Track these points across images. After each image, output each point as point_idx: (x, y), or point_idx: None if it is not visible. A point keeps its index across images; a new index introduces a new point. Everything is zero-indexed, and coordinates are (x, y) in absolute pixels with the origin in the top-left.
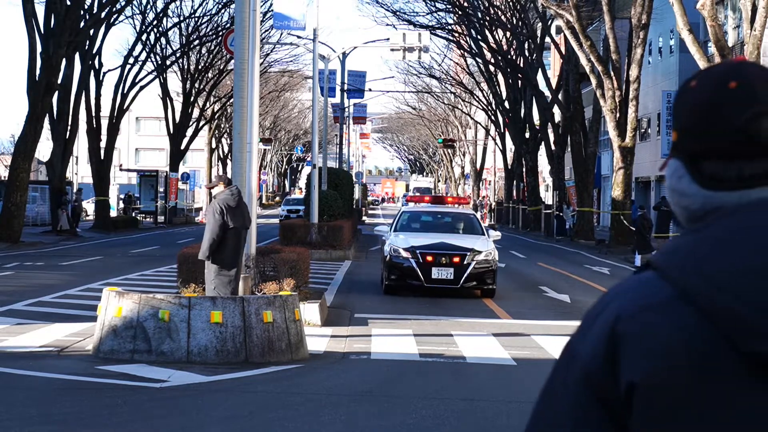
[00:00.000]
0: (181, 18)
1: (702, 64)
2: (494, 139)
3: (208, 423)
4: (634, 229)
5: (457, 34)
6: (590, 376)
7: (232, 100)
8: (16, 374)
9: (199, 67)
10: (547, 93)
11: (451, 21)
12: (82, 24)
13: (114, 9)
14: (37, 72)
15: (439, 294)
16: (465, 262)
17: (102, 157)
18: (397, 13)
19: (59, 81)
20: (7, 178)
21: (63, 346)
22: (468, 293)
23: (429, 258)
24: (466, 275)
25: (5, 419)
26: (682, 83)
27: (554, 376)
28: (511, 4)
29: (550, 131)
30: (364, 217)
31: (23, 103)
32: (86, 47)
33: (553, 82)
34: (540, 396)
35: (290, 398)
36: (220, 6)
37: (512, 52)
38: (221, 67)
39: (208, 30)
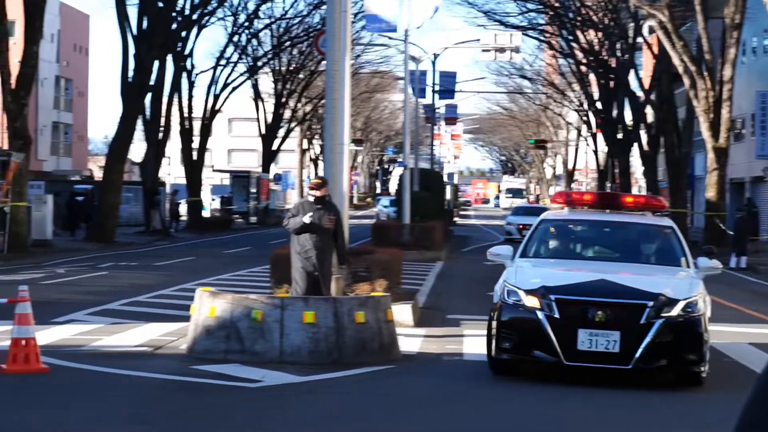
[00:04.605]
0: (272, 19)
1: None
2: (586, 140)
3: (303, 423)
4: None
5: (548, 35)
6: None
7: (323, 101)
8: (111, 373)
9: (291, 68)
10: (640, 93)
11: (542, 21)
12: (174, 26)
13: (206, 11)
14: (130, 74)
15: (588, 379)
16: (643, 321)
17: (194, 158)
18: (488, 13)
19: (152, 83)
20: (101, 179)
21: (157, 346)
22: (649, 380)
23: (573, 310)
24: (644, 346)
25: (102, 418)
26: None
27: None
28: (603, 4)
29: (642, 132)
30: (456, 218)
31: (117, 105)
32: (178, 49)
33: (646, 83)
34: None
35: (384, 399)
36: (311, 7)
37: (604, 53)
38: (312, 69)
39: (299, 31)
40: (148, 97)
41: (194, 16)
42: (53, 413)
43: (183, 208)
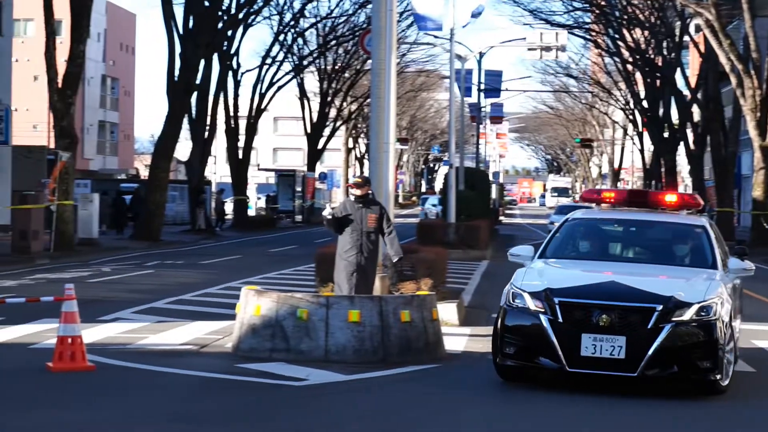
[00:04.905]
0: (318, 18)
1: None
2: (632, 139)
3: (347, 421)
4: None
5: (594, 33)
6: None
7: (368, 100)
8: (157, 371)
9: (336, 67)
10: (686, 92)
11: (588, 20)
12: (220, 25)
13: (251, 10)
14: (176, 73)
15: (593, 386)
16: (651, 326)
17: (240, 157)
18: (534, 12)
19: (198, 82)
20: (147, 178)
21: (203, 344)
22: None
23: (578, 314)
24: (652, 352)
25: (148, 416)
26: None
27: None
28: (649, 2)
29: (689, 131)
30: (501, 217)
31: (163, 103)
32: (224, 48)
33: (692, 81)
34: None
35: (428, 398)
36: (356, 6)
37: (650, 51)
38: (358, 67)
39: (344, 30)
40: (194, 96)
41: (240, 15)
42: (98, 411)
43: (228, 207)
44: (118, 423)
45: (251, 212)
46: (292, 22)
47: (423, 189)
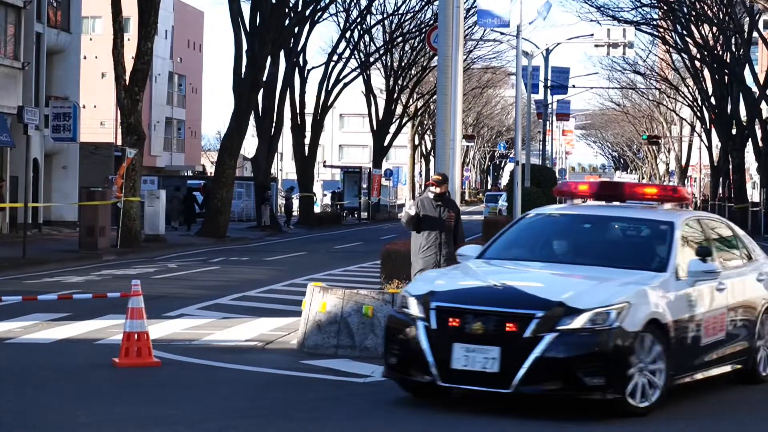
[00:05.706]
0: (385, 15)
1: None
2: (700, 136)
3: (413, 418)
4: None
5: (662, 30)
6: None
7: (435, 97)
8: (222, 367)
9: (403, 64)
10: (755, 88)
11: (656, 16)
12: (286, 22)
13: (318, 7)
14: (243, 70)
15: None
16: (528, 334)
17: (306, 154)
18: (601, 8)
19: (264, 79)
20: (213, 175)
21: (268, 341)
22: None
23: (452, 321)
24: (528, 366)
25: (213, 411)
26: None
27: None
28: None
29: (757, 127)
30: None
31: (229, 100)
32: (291, 45)
33: (761, 78)
34: None
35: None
36: (423, 3)
37: (718, 48)
38: (424, 64)
39: (411, 27)
40: (261, 92)
41: (307, 12)
42: (164, 406)
43: (294, 204)
44: (184, 418)
45: (317, 209)
46: (358, 19)
47: (488, 186)
